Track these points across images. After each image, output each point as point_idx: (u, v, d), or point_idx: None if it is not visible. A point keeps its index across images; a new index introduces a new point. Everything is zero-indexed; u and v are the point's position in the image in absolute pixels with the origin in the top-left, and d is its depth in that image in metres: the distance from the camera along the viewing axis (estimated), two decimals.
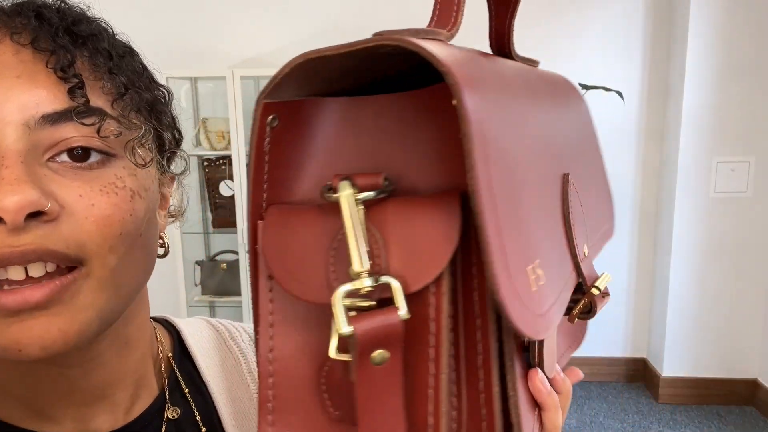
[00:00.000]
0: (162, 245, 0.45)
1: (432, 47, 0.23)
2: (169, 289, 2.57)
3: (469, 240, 0.25)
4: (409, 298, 0.24)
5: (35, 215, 0.33)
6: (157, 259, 0.44)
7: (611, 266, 2.96)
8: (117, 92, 0.38)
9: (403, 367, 0.24)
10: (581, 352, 3.03)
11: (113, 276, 0.37)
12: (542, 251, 0.28)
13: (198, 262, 2.81)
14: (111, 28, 0.42)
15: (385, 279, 0.24)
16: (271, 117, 0.26)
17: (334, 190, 0.25)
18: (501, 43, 0.37)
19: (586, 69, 2.77)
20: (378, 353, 0.24)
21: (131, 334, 0.45)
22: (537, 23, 2.76)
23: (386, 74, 0.30)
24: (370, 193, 0.25)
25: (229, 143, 2.59)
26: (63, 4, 0.40)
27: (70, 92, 0.35)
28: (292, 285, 0.26)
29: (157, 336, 0.50)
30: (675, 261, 2.71)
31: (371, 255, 0.25)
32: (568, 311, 0.35)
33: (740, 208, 2.66)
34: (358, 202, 0.24)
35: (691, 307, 2.75)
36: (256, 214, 0.27)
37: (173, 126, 0.46)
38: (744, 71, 2.55)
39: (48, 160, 0.35)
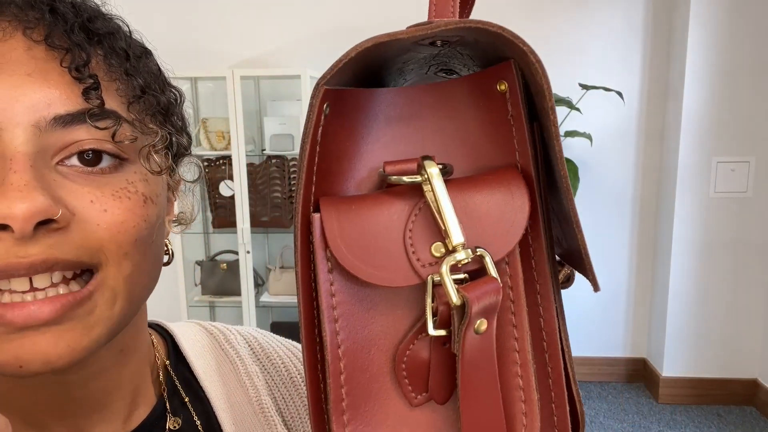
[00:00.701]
0: (166, 252, 0.44)
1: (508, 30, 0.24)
2: (169, 289, 2.57)
3: None
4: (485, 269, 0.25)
5: (44, 223, 0.31)
6: None
7: (611, 266, 2.96)
8: (132, 95, 0.37)
9: (494, 336, 0.25)
10: (581, 352, 3.04)
11: (127, 285, 0.35)
12: None
13: (198, 262, 2.82)
14: (128, 26, 0.40)
15: (480, 251, 0.25)
16: (325, 105, 0.25)
17: (391, 174, 0.26)
18: None
19: (586, 69, 2.77)
20: (480, 322, 0.24)
21: (129, 342, 0.43)
22: (537, 23, 2.76)
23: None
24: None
25: (229, 143, 2.59)
26: None
27: (85, 93, 0.33)
28: (371, 274, 0.25)
29: (153, 342, 0.49)
30: (675, 261, 2.71)
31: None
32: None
33: (740, 208, 2.66)
34: (426, 179, 0.25)
35: (691, 307, 2.75)
36: (307, 207, 0.27)
37: (184, 129, 0.44)
38: (744, 71, 2.55)
39: (57, 163, 0.34)
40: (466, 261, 0.24)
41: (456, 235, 0.24)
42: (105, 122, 0.34)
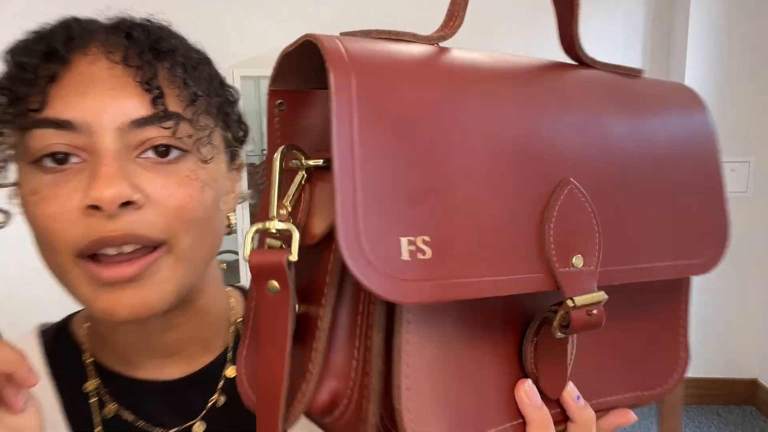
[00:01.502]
0: (228, 225, 0.54)
1: (331, 40, 0.27)
2: None
3: None
4: (314, 250, 0.30)
5: (126, 204, 0.41)
6: None
7: None
8: (189, 99, 0.45)
9: (289, 299, 0.29)
10: None
11: (187, 253, 0.45)
12: (446, 232, 0.28)
13: None
14: (187, 41, 0.51)
15: (282, 225, 0.30)
16: (279, 102, 0.33)
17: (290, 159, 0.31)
18: (568, 45, 0.42)
19: None
20: (271, 283, 0.29)
21: (202, 303, 0.53)
22: (538, 23, 2.76)
23: None
24: (319, 161, 0.30)
25: None
26: (148, 23, 0.49)
27: (153, 101, 0.43)
28: None
29: (232, 303, 0.60)
30: None
31: (296, 208, 0.31)
32: (549, 321, 0.33)
33: (740, 208, 2.66)
34: (302, 166, 0.31)
35: (691, 307, 2.74)
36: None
37: (239, 122, 0.54)
38: (744, 71, 2.55)
39: (136, 156, 0.44)
40: (273, 231, 0.30)
41: (272, 208, 0.30)
42: (169, 123, 0.44)
